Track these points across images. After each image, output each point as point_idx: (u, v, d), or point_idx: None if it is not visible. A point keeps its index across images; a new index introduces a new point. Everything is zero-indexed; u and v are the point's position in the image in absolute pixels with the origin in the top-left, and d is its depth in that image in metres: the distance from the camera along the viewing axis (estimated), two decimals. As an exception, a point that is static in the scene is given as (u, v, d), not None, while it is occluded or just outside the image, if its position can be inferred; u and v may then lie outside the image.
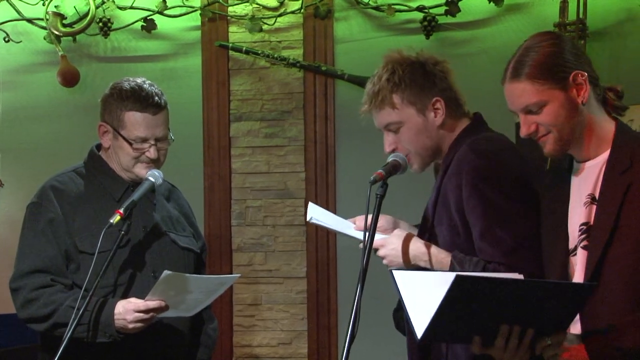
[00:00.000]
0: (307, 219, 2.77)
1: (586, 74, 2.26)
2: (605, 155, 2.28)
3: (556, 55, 2.28)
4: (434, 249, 2.58)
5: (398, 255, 2.61)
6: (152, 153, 2.91)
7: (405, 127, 2.64)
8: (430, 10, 4.37)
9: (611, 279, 2.17)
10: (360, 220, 2.73)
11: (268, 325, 4.64)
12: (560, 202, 2.34)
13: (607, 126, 2.31)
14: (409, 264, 2.60)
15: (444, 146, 2.67)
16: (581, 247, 2.25)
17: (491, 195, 2.47)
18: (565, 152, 2.34)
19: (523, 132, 2.33)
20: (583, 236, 2.26)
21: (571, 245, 2.30)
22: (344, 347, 2.27)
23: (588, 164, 2.32)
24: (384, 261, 2.65)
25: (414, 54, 2.68)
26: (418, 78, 2.63)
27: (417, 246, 2.60)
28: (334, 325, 4.56)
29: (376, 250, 2.68)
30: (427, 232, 2.66)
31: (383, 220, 2.74)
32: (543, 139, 2.32)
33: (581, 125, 2.28)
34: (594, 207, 2.25)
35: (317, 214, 2.79)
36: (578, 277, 2.24)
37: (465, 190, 2.50)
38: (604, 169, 2.27)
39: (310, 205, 2.81)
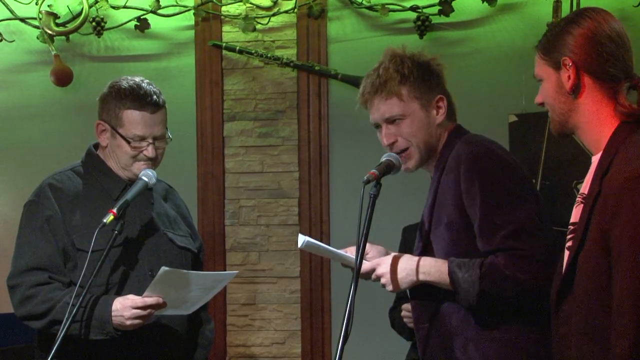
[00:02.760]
0: (299, 245, 2.69)
1: (571, 61, 2.15)
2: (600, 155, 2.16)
3: (563, 34, 2.18)
4: (430, 260, 2.55)
5: (395, 273, 2.56)
6: (150, 152, 2.91)
7: (408, 120, 2.63)
8: (424, 10, 4.38)
9: (579, 286, 2.11)
10: (352, 250, 2.67)
11: (262, 324, 4.63)
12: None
13: (608, 124, 2.15)
14: (416, 283, 2.56)
15: (438, 146, 2.67)
16: (566, 247, 2.20)
17: (488, 182, 2.48)
18: (563, 134, 2.25)
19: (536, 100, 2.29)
20: (570, 236, 2.19)
21: None
22: (338, 346, 2.27)
23: (592, 159, 2.20)
24: (382, 281, 2.59)
25: (416, 52, 2.70)
26: (424, 74, 2.65)
27: (412, 261, 2.56)
28: (328, 324, 4.55)
29: (369, 273, 2.62)
30: (423, 238, 2.64)
31: (374, 250, 2.72)
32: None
33: (574, 114, 2.19)
34: (582, 207, 2.15)
35: (308, 240, 2.71)
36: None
37: (464, 181, 2.51)
38: (595, 169, 2.15)
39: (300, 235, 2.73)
